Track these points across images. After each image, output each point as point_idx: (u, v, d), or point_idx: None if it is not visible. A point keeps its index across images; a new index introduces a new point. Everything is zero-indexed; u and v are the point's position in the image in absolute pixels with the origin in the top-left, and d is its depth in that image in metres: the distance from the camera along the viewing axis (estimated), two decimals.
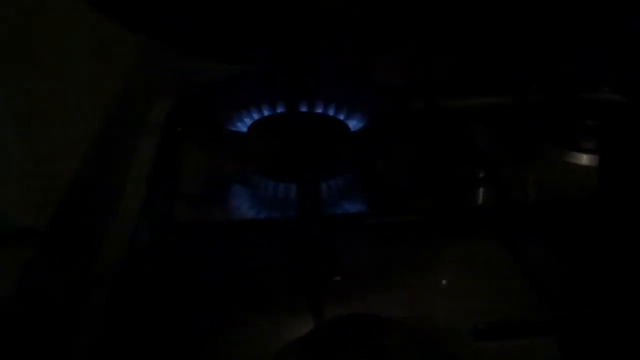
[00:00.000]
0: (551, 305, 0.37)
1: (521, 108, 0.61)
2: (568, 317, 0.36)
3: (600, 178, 0.51)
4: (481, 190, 0.50)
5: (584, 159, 0.54)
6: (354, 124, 0.54)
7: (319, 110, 0.55)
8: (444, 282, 0.40)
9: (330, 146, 0.50)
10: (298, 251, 0.42)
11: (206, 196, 0.51)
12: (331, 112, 0.54)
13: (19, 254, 0.44)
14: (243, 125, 0.54)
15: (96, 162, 0.53)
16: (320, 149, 0.49)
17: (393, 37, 0.45)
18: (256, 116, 0.54)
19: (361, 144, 0.51)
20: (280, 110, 0.55)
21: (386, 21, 0.43)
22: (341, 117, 0.54)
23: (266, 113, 0.55)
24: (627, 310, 0.35)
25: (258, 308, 0.39)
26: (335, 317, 0.36)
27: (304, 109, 0.54)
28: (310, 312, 0.38)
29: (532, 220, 0.44)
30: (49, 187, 0.50)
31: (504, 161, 0.53)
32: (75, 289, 0.39)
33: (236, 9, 0.42)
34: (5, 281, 0.41)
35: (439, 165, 0.53)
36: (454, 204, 0.48)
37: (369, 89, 0.55)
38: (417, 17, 0.44)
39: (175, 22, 0.44)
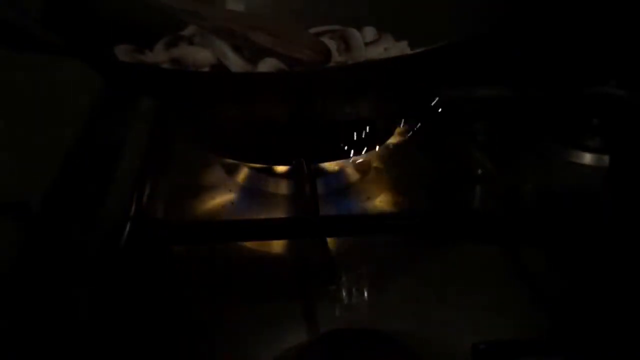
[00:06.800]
0: (557, 322, 0.36)
1: (522, 101, 0.59)
2: (575, 336, 0.35)
3: (609, 178, 0.49)
4: (480, 189, 0.49)
5: (588, 158, 0.52)
6: None
7: None
8: (442, 293, 0.39)
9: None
10: (294, 255, 0.41)
11: (197, 192, 0.49)
12: None
13: (10, 229, 0.43)
14: None
15: (87, 147, 0.52)
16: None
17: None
18: None
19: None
20: None
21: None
22: None
23: None
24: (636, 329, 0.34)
25: (250, 316, 0.37)
26: (329, 331, 0.35)
27: None
28: (305, 321, 0.37)
29: (534, 225, 0.42)
30: (43, 164, 0.48)
31: (504, 159, 0.51)
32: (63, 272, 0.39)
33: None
34: None
35: (437, 162, 0.52)
36: (452, 205, 0.47)
37: None
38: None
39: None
